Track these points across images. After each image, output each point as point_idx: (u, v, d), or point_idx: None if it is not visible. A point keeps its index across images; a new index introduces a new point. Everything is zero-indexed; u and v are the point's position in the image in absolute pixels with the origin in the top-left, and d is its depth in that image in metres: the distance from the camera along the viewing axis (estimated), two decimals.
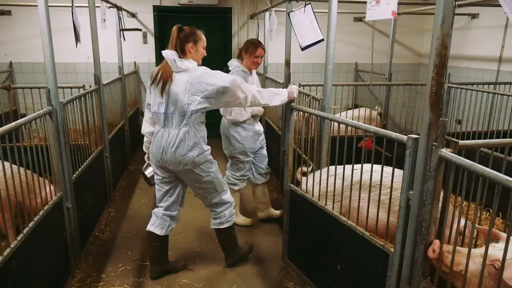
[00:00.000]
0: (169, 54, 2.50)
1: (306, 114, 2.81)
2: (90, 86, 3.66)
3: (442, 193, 1.71)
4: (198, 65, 2.58)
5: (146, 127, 2.76)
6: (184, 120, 2.52)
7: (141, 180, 4.86)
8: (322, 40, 2.94)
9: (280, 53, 4.63)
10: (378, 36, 6.16)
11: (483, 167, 1.39)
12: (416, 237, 1.77)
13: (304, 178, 2.85)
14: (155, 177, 2.77)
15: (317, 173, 2.75)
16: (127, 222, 3.73)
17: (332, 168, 2.57)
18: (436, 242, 1.67)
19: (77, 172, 3.01)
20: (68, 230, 2.76)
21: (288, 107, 2.80)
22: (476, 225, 1.77)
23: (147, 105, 2.71)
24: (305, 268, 2.87)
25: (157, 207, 2.82)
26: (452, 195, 1.83)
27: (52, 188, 2.63)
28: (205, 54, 2.66)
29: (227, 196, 2.86)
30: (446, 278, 1.63)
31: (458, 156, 1.51)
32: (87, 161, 3.31)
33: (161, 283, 2.80)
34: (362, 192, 2.28)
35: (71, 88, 3.81)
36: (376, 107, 5.29)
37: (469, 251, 1.52)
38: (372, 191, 2.17)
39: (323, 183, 2.58)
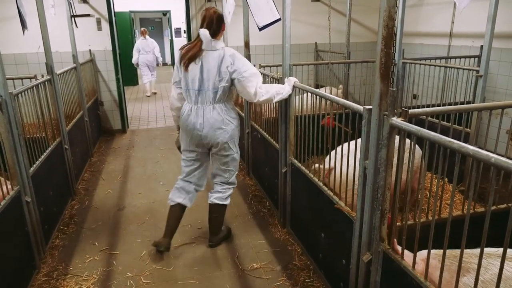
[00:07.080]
0: (206, 33, 2.66)
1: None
2: (43, 76, 3.50)
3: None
4: None
5: (174, 103, 2.90)
6: (217, 96, 2.71)
7: (105, 171, 4.76)
8: (279, 19, 2.95)
9: (240, 35, 4.61)
10: (335, 15, 6.25)
11: (429, 131, 1.48)
12: (373, 203, 1.86)
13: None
14: (186, 154, 2.92)
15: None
16: (92, 214, 3.66)
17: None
18: None
19: (34, 165, 2.90)
20: (30, 224, 2.68)
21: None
22: None
23: (174, 82, 2.84)
24: (302, 237, 3.01)
25: (184, 181, 2.99)
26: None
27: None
28: None
29: (235, 177, 3.05)
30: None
31: (407, 123, 1.59)
32: (45, 153, 3.19)
33: (131, 270, 2.79)
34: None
35: (21, 79, 3.61)
36: (340, 86, 5.43)
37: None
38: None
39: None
